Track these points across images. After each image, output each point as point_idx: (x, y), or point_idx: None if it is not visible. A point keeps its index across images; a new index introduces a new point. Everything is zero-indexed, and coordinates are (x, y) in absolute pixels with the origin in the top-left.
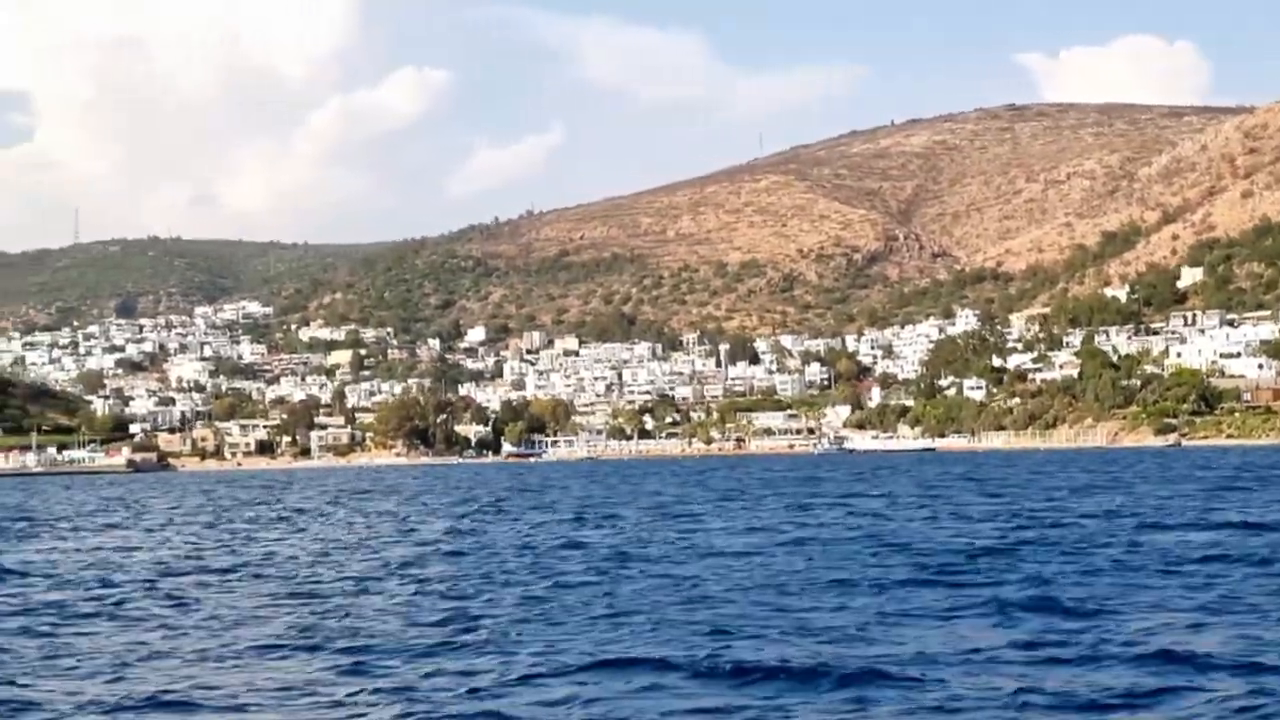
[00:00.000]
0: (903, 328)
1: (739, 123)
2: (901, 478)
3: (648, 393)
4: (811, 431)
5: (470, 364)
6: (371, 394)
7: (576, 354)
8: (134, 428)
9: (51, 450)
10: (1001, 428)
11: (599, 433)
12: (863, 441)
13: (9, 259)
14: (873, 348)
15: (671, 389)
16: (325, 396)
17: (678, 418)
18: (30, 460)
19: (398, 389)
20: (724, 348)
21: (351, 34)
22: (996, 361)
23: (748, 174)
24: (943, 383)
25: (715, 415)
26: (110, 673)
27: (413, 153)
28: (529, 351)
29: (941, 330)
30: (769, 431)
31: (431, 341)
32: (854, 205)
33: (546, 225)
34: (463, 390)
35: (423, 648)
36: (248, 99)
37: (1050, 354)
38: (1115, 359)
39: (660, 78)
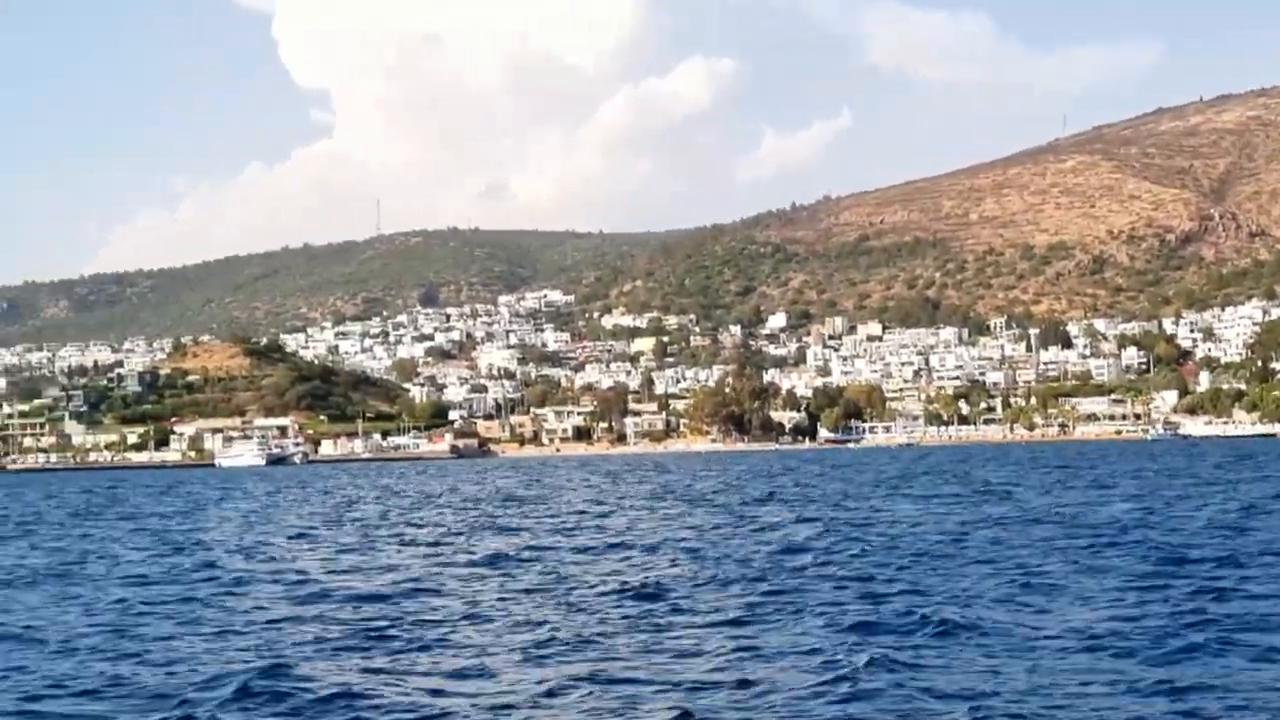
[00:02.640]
0: (1223, 310)
1: (1034, 103)
2: None
3: (957, 378)
4: (1138, 417)
5: (772, 350)
6: (678, 380)
7: (880, 339)
8: (452, 414)
9: (376, 437)
10: None
11: (915, 418)
12: (1196, 427)
13: (315, 251)
14: (1192, 330)
15: (981, 374)
16: (631, 383)
17: (991, 403)
18: (358, 446)
19: (702, 375)
20: (1034, 332)
21: (640, 25)
22: None
23: (1051, 155)
24: (1276, 365)
25: (1034, 401)
26: None
27: (701, 140)
28: (831, 337)
29: (1265, 312)
30: (1093, 417)
31: (733, 328)
32: (1164, 184)
33: (845, 210)
34: (766, 376)
35: None
36: (538, 91)
37: None
38: None
39: (947, 60)
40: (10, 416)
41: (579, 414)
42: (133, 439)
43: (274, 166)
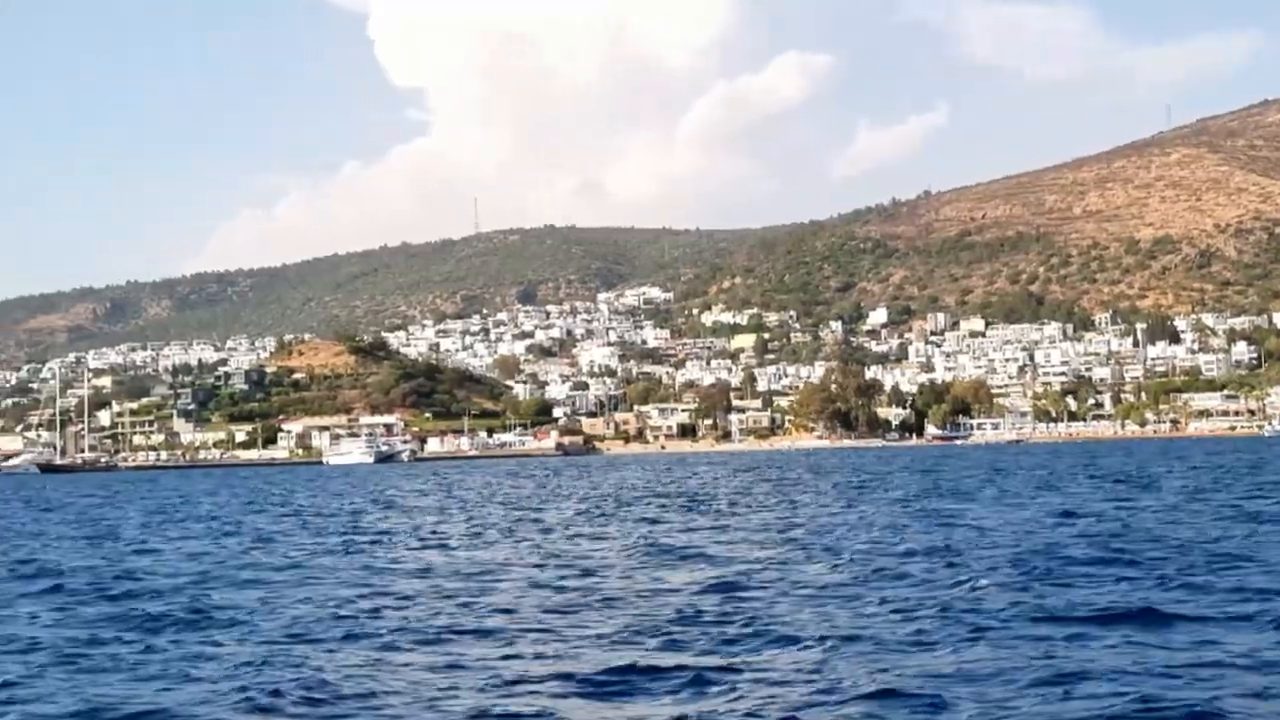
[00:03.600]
0: None
1: (1135, 95)
2: None
3: (1063, 374)
4: (1253, 413)
5: (874, 346)
6: (779, 377)
7: (983, 335)
8: (556, 411)
9: (482, 434)
10: None
11: (1023, 415)
12: None
13: (414, 249)
14: None
15: (1088, 370)
16: (733, 380)
17: (1099, 399)
18: (464, 444)
19: (803, 372)
20: (1140, 327)
21: (734, 21)
22: None
23: (1155, 148)
24: None
25: (1144, 397)
26: None
27: (796, 136)
28: (933, 333)
29: None
30: (1205, 413)
31: (833, 324)
32: (1272, 176)
33: (946, 205)
34: (867, 373)
35: None
36: (632, 88)
37: None
38: None
39: (1046, 53)
40: (120, 415)
41: (682, 411)
42: (240, 437)
43: (371, 165)
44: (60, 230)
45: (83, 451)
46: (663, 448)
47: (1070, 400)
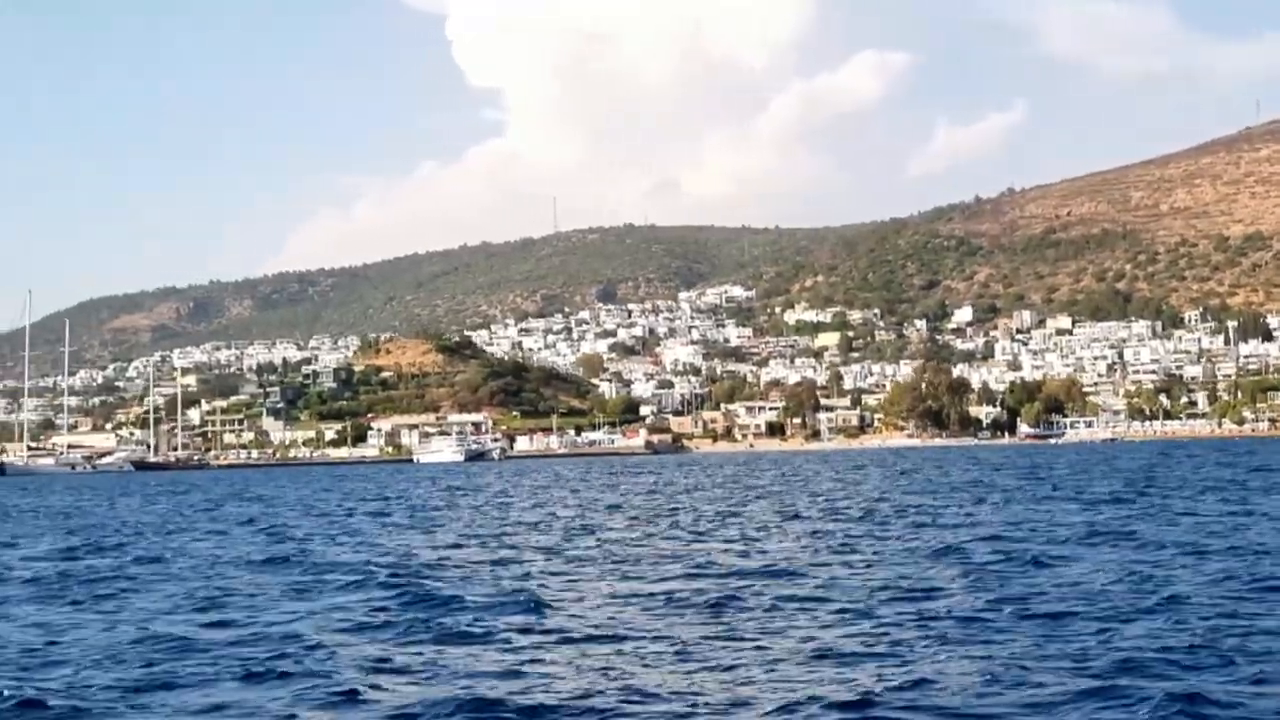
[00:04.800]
0: None
1: (1221, 91)
2: None
3: (1153, 372)
4: None
5: (959, 344)
6: (865, 375)
7: (1070, 333)
8: (643, 410)
9: (571, 432)
10: None
11: (1116, 413)
12: None
13: (493, 249)
14: None
15: (1178, 368)
16: (819, 379)
17: (1191, 398)
18: (554, 442)
19: (889, 370)
20: (1232, 325)
21: (811, 20)
22: None
23: (1245, 143)
24: None
25: (1240, 395)
26: None
27: (873, 135)
28: (1019, 331)
29: None
30: None
31: (918, 322)
32: None
33: (1030, 202)
34: (954, 371)
35: None
36: (709, 88)
37: None
38: None
39: (1128, 49)
40: (210, 413)
41: (770, 409)
42: (330, 435)
43: (448, 165)
44: (143, 230)
45: (175, 449)
46: (751, 446)
47: (1163, 398)
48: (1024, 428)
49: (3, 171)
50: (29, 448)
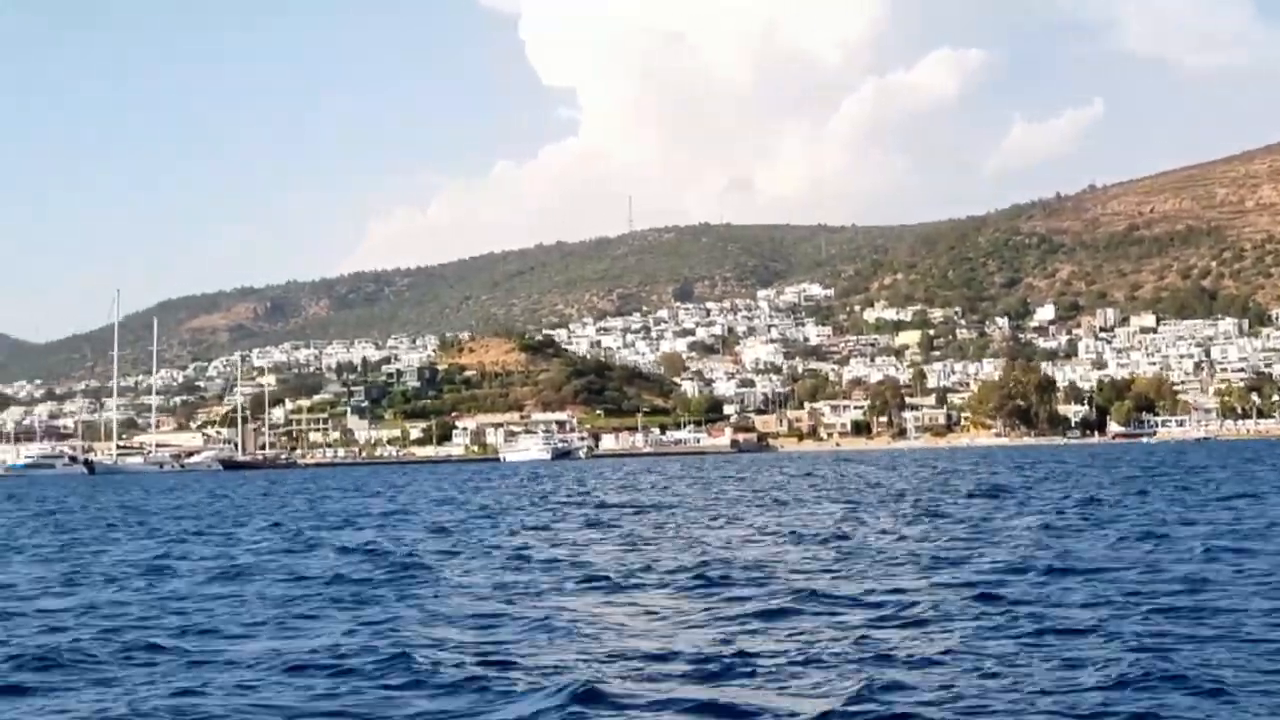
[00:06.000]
0: None
1: None
2: None
3: (1241, 370)
4: None
5: (1042, 343)
6: (949, 374)
7: (1154, 331)
8: (727, 409)
9: (656, 431)
10: None
11: (1208, 411)
12: None
13: (569, 248)
14: None
15: (1267, 366)
16: (902, 377)
17: None
18: (639, 441)
19: (971, 368)
20: None
21: (885, 18)
22: None
23: None
24: None
25: None
26: None
27: (948, 132)
28: (1103, 329)
29: None
30: None
31: (999, 320)
32: None
33: (1112, 199)
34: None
35: None
36: (783, 86)
37: None
38: None
39: (1208, 44)
40: (294, 413)
41: (855, 408)
42: (415, 434)
43: (522, 164)
44: (220, 231)
45: (262, 448)
46: (838, 445)
47: (1254, 396)
48: (1114, 426)
49: (88, 172)
50: (118, 447)
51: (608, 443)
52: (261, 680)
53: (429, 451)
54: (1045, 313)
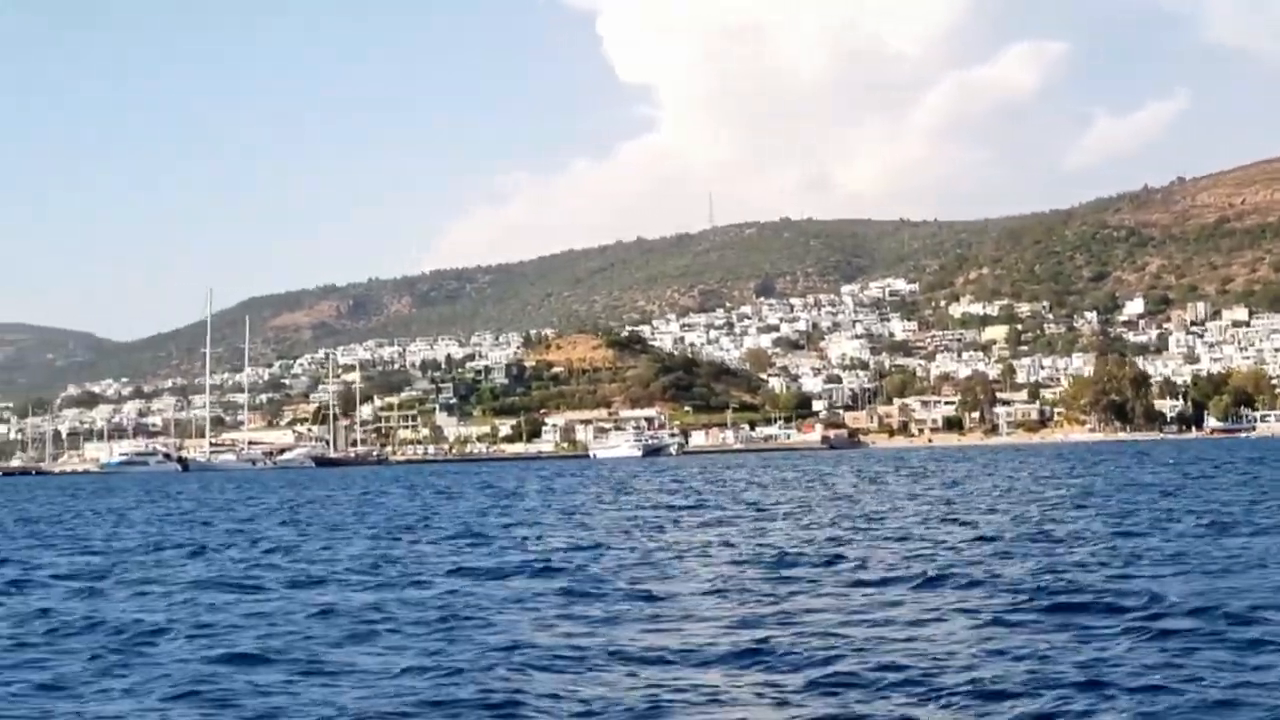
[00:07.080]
0: None
1: None
2: None
3: None
4: None
5: (1132, 337)
6: (1038, 369)
7: (1247, 324)
8: (815, 405)
9: (745, 427)
10: None
11: None
12: None
13: (649, 244)
14: None
15: None
16: (990, 372)
17: None
18: (729, 437)
19: (1061, 363)
20: None
21: (965, 10)
22: None
23: None
24: None
25: None
26: None
27: (1030, 126)
28: (1194, 323)
29: None
30: None
31: (1088, 314)
32: None
33: (1201, 191)
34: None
35: None
36: (862, 81)
37: None
38: None
39: None
40: (383, 409)
41: (945, 404)
42: (504, 431)
43: (601, 162)
44: (302, 229)
45: (353, 445)
46: (929, 441)
47: None
48: (1212, 421)
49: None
50: (210, 444)
51: (697, 439)
52: None
53: (519, 448)
54: (1134, 306)
